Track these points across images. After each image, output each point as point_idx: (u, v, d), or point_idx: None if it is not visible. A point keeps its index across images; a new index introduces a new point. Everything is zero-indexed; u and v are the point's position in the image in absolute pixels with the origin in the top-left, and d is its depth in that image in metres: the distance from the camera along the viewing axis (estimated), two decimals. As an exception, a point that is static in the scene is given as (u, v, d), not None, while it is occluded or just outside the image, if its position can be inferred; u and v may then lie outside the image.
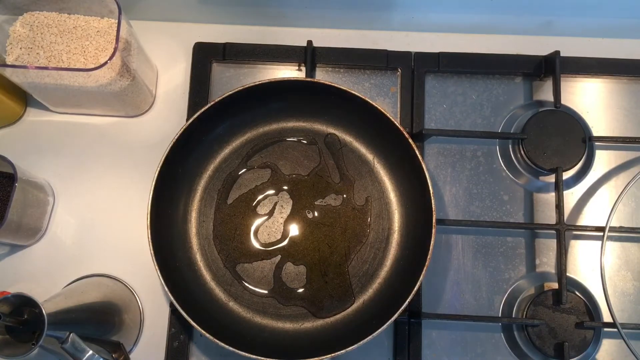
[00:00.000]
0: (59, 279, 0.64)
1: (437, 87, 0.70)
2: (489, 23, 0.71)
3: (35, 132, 0.68)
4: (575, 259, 0.65)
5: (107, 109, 0.67)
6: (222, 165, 0.66)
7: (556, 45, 0.68)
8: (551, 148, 0.65)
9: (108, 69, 0.56)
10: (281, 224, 0.65)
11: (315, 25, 0.72)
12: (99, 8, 0.61)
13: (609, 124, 0.69)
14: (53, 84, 0.59)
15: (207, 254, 0.64)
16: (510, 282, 0.65)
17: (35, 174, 0.65)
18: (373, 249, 0.64)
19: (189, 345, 0.62)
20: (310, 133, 0.67)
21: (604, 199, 0.67)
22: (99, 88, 0.59)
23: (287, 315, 0.62)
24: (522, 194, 0.67)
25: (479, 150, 0.68)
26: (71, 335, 0.48)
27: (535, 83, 0.70)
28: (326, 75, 0.70)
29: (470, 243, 0.66)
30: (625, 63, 0.69)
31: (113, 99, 0.63)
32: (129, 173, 0.67)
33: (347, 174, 0.66)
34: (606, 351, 0.63)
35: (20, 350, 0.47)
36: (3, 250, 0.65)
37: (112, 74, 0.58)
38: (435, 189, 0.67)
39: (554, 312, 0.61)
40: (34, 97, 0.65)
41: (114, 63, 0.56)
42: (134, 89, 0.63)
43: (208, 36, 0.71)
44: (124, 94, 0.63)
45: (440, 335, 0.63)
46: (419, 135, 0.67)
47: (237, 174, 0.66)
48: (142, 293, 0.64)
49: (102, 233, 0.66)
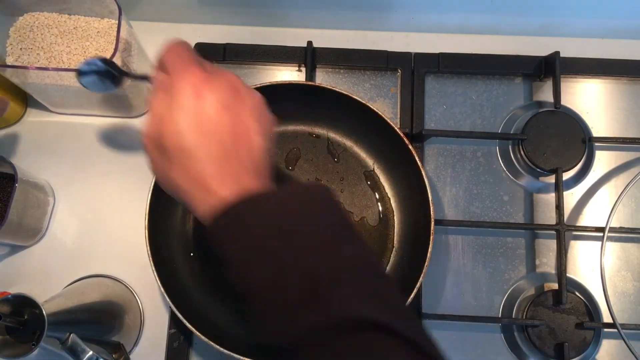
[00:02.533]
0: (59, 279, 0.64)
1: (437, 87, 0.70)
2: (489, 24, 0.71)
3: (35, 132, 0.68)
4: (575, 260, 0.65)
5: (107, 109, 0.67)
6: (222, 166, 0.66)
7: (556, 45, 0.68)
8: (551, 149, 0.65)
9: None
10: (281, 224, 0.65)
11: (315, 25, 0.72)
12: (100, 9, 0.61)
13: (608, 125, 0.69)
14: (53, 84, 0.59)
15: (205, 255, 0.64)
16: (510, 283, 0.65)
17: (36, 175, 0.65)
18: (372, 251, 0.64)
19: (189, 346, 0.62)
20: (310, 137, 0.67)
21: (604, 200, 0.67)
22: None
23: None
24: (522, 195, 0.67)
25: (478, 151, 0.68)
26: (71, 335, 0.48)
27: (535, 83, 0.70)
28: (326, 76, 0.70)
29: (470, 243, 0.66)
30: (625, 63, 0.69)
31: (113, 100, 0.63)
32: (129, 174, 0.67)
33: (347, 178, 0.66)
34: (606, 351, 0.63)
35: (20, 351, 0.47)
36: (3, 251, 0.65)
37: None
38: (435, 189, 0.67)
39: (554, 313, 0.61)
40: (34, 98, 0.65)
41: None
42: (134, 89, 0.63)
43: (208, 37, 0.71)
44: (124, 94, 0.63)
45: (440, 335, 0.63)
46: (419, 135, 0.67)
47: (237, 174, 0.66)
48: (142, 293, 0.64)
49: (103, 233, 0.66)
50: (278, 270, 0.34)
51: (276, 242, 0.35)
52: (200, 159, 0.36)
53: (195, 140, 0.36)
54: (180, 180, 0.37)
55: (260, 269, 0.35)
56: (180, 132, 0.37)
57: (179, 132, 0.37)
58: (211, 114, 0.37)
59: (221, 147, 0.37)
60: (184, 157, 0.37)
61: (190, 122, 0.37)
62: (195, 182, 0.37)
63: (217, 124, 0.37)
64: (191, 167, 0.37)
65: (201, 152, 0.36)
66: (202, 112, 0.37)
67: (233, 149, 0.37)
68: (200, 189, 0.37)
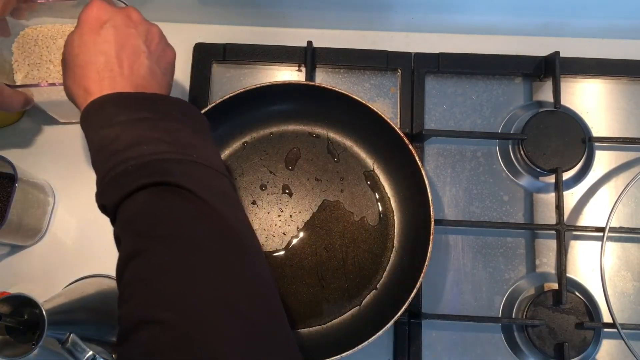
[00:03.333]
0: (59, 279, 0.64)
1: (437, 87, 0.70)
2: (489, 23, 0.71)
3: (35, 132, 0.68)
4: (575, 260, 0.65)
5: None
6: (222, 166, 0.66)
7: (556, 45, 0.68)
8: (551, 148, 0.65)
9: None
10: (279, 227, 0.65)
11: (315, 25, 0.72)
12: None
13: (608, 125, 0.69)
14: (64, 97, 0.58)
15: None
16: (510, 283, 0.65)
17: (36, 175, 0.65)
18: (371, 252, 0.64)
19: (189, 346, 0.62)
20: (310, 137, 0.67)
21: (604, 200, 0.67)
22: None
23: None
24: (522, 195, 0.67)
25: (478, 151, 0.68)
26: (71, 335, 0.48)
27: (535, 83, 0.70)
28: (326, 76, 0.70)
29: (470, 243, 0.66)
30: (625, 63, 0.69)
31: None
32: (129, 173, 0.67)
33: (347, 178, 0.66)
34: (606, 351, 0.63)
35: (20, 351, 0.47)
36: (3, 251, 0.65)
37: None
38: (435, 189, 0.67)
39: (554, 313, 0.61)
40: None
41: None
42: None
43: (208, 37, 0.71)
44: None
45: (440, 335, 0.63)
46: (419, 135, 0.67)
47: (236, 176, 0.66)
48: (142, 293, 0.64)
49: (103, 233, 0.65)
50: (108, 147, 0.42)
51: (120, 129, 0.42)
52: (84, 66, 0.45)
53: (83, 52, 0.45)
54: (71, 84, 0.46)
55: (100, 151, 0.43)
56: (73, 46, 0.46)
57: (72, 46, 0.46)
58: (101, 32, 0.46)
59: (104, 58, 0.45)
60: (75, 66, 0.45)
61: (82, 37, 0.46)
62: (80, 85, 0.45)
63: (104, 40, 0.45)
64: (78, 73, 0.45)
65: (85, 60, 0.45)
66: (93, 30, 0.46)
67: (116, 62, 0.45)
68: (83, 90, 0.45)
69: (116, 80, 0.45)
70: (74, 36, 0.46)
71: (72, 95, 0.47)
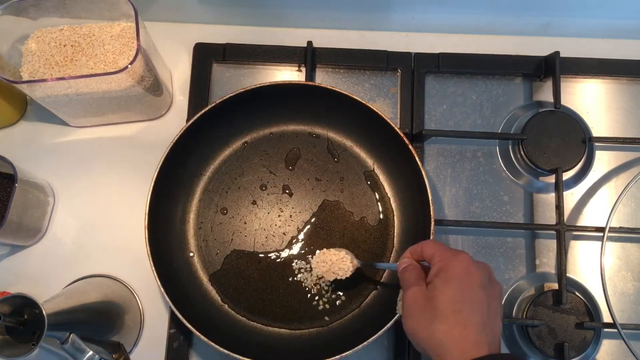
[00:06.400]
0: (59, 279, 0.64)
1: (437, 87, 0.70)
2: (489, 23, 0.71)
3: (35, 133, 0.68)
4: (575, 260, 0.65)
5: (129, 114, 0.67)
6: (222, 167, 0.66)
7: (556, 45, 0.68)
8: (551, 149, 0.65)
9: (131, 71, 0.56)
10: (279, 227, 0.65)
11: (315, 25, 0.72)
12: (110, 13, 0.60)
13: (608, 125, 0.69)
14: (75, 93, 0.58)
15: (205, 255, 0.64)
16: (510, 283, 0.65)
17: (36, 175, 0.65)
18: (372, 252, 0.64)
19: (189, 346, 0.62)
20: (310, 137, 0.67)
21: (604, 200, 0.67)
22: (123, 92, 0.59)
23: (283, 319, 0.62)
24: (522, 195, 0.67)
25: (479, 151, 0.68)
26: (71, 335, 0.48)
27: (535, 84, 0.70)
28: (326, 75, 0.70)
29: (470, 243, 0.66)
30: (625, 63, 0.69)
31: (136, 102, 0.63)
32: (129, 174, 0.67)
33: (347, 178, 0.66)
34: (606, 351, 0.63)
35: (20, 351, 0.47)
36: (3, 251, 0.65)
37: (136, 75, 0.57)
38: (435, 189, 0.67)
39: (554, 313, 0.61)
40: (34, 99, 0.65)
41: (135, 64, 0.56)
42: (155, 89, 0.63)
43: (208, 37, 0.71)
44: (146, 95, 0.62)
45: (440, 335, 0.63)
46: (419, 135, 0.67)
47: (236, 176, 0.66)
48: (142, 293, 0.64)
49: (102, 233, 0.66)
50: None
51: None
52: (465, 321, 0.45)
53: (464, 305, 0.45)
54: (441, 333, 0.45)
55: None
56: (454, 296, 0.46)
57: (453, 296, 0.46)
58: (474, 288, 0.47)
59: (480, 317, 0.46)
60: (452, 316, 0.45)
61: (462, 292, 0.46)
62: (456, 336, 0.44)
63: (479, 297, 0.46)
64: (457, 324, 0.45)
65: (467, 315, 0.45)
66: (469, 285, 0.46)
67: (488, 322, 0.46)
68: (460, 342, 0.44)
69: (488, 344, 0.45)
70: (446, 283, 0.47)
71: (434, 340, 0.45)
